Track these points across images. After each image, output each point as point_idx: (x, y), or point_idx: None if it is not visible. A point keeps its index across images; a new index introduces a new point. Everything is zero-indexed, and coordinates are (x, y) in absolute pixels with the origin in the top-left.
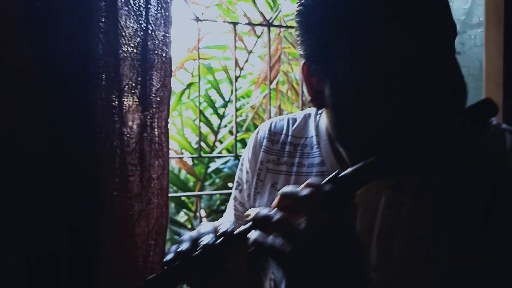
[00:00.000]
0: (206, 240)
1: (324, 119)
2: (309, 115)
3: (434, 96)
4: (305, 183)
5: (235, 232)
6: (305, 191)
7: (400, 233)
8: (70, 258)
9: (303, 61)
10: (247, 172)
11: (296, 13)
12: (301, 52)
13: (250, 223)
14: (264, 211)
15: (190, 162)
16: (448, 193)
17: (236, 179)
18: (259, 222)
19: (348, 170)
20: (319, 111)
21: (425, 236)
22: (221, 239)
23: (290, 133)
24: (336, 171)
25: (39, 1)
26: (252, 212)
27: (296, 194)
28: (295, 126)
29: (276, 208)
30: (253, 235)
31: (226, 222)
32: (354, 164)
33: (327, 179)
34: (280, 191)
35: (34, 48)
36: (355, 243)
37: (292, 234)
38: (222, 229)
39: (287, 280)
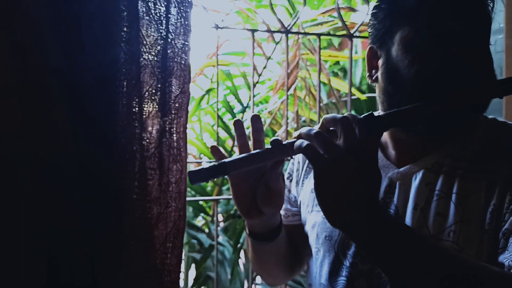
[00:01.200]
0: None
1: None
2: None
3: (461, 66)
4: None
5: (284, 142)
6: (343, 116)
7: (434, 206)
8: (91, 261)
9: (369, 46)
10: (298, 162)
11: (373, 7)
12: (370, 39)
13: (296, 137)
14: (306, 128)
15: None
16: (474, 179)
17: (287, 171)
18: (303, 136)
19: (382, 113)
20: (373, 85)
21: (453, 212)
22: (274, 145)
23: None
24: (371, 112)
25: (66, 12)
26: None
27: (335, 116)
28: None
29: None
30: (297, 142)
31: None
32: (404, 161)
33: (363, 115)
34: (323, 116)
35: (61, 57)
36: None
37: (328, 143)
38: (273, 138)
39: (315, 181)
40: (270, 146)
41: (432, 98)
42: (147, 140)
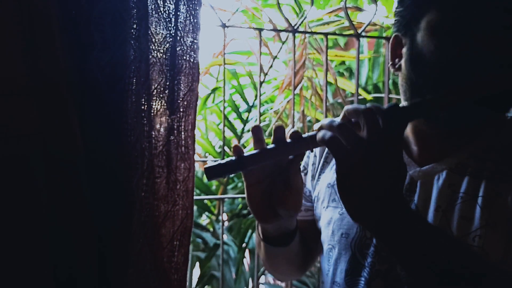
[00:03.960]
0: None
1: None
2: None
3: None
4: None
5: (304, 135)
6: (366, 106)
7: (458, 209)
8: (99, 258)
9: (394, 34)
10: (315, 156)
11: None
12: (394, 28)
13: (317, 129)
14: (328, 119)
15: None
16: (501, 181)
17: (302, 164)
18: (325, 127)
19: (406, 104)
20: (396, 74)
21: (478, 215)
22: (293, 138)
23: None
24: (395, 103)
25: (76, 10)
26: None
27: (358, 107)
28: None
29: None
30: (319, 133)
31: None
32: (426, 157)
33: (386, 106)
34: (344, 108)
35: (70, 55)
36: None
37: (352, 135)
38: (292, 130)
39: (338, 174)
40: (289, 140)
41: (455, 86)
42: (155, 138)
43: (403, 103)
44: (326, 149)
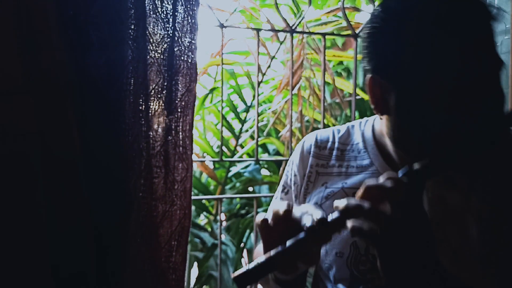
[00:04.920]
0: (307, 223)
1: (369, 128)
2: (353, 126)
3: (481, 105)
4: (385, 177)
5: (329, 219)
6: (388, 183)
7: (451, 222)
8: (97, 258)
9: (369, 74)
10: (295, 175)
11: (365, 33)
12: (367, 67)
13: (341, 211)
14: (353, 201)
15: (211, 166)
16: (493, 189)
17: (281, 184)
18: (352, 210)
19: (419, 165)
20: (381, 117)
21: (472, 226)
22: (320, 225)
23: (336, 140)
24: (409, 167)
25: (73, 10)
26: (339, 203)
27: (382, 185)
28: (340, 134)
29: (362, 199)
30: (350, 222)
31: (316, 210)
32: (407, 163)
33: (403, 172)
34: (365, 183)
35: (68, 55)
36: (427, 225)
37: (383, 219)
38: (317, 216)
39: (381, 259)
40: (314, 226)
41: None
42: (153, 138)
43: (415, 164)
44: (308, 168)
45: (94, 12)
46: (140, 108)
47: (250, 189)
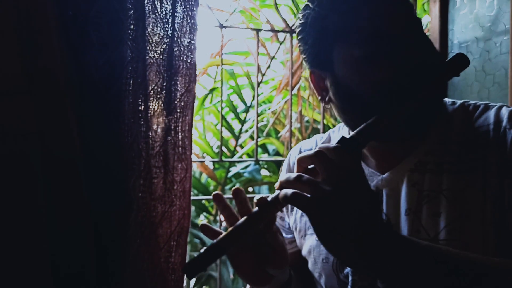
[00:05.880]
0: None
1: (346, 129)
2: (333, 131)
3: (406, 51)
4: (315, 149)
5: (268, 199)
6: (314, 152)
7: (426, 207)
8: (97, 258)
9: (310, 69)
10: None
11: (297, 32)
12: (307, 62)
13: (278, 188)
14: (285, 176)
15: (211, 166)
16: (465, 172)
17: None
18: (284, 184)
19: (353, 132)
20: (327, 107)
21: (447, 209)
22: (260, 205)
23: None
24: (342, 136)
25: (73, 10)
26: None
27: (309, 155)
28: (322, 141)
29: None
30: (281, 193)
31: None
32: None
33: (336, 142)
34: (296, 158)
35: (68, 55)
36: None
37: (311, 184)
38: (258, 197)
39: (313, 225)
40: (256, 208)
41: (394, 104)
42: (152, 138)
43: (348, 131)
44: None
45: (94, 12)
46: (140, 108)
47: (250, 189)
